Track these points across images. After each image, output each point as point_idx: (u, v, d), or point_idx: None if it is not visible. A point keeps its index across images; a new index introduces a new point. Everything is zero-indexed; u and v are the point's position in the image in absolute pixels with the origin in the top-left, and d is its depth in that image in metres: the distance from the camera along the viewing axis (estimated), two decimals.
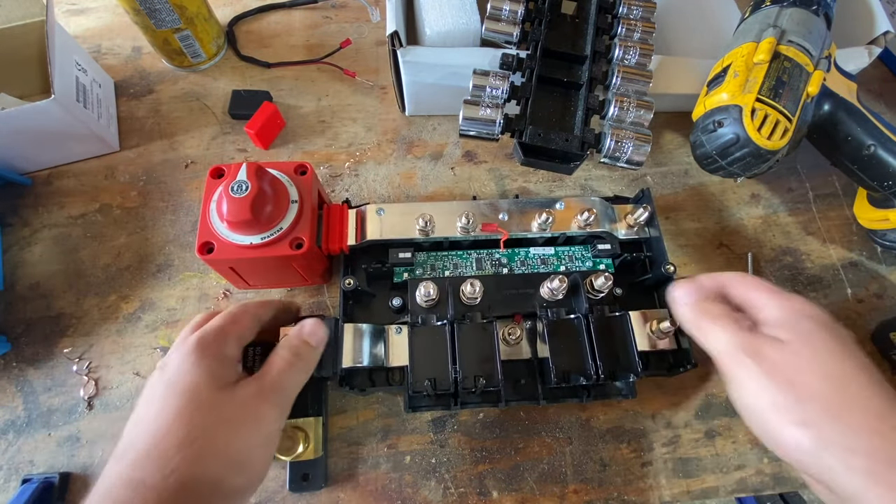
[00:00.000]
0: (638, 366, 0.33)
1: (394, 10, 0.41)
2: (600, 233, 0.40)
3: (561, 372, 0.33)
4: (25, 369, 0.38)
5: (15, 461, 0.35)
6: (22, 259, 0.42)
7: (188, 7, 0.45)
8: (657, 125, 0.50)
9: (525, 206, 0.40)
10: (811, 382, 0.25)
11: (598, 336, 0.34)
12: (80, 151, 0.45)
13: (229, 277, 0.37)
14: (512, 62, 0.40)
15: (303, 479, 0.35)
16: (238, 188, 0.32)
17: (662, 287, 0.38)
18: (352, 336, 0.34)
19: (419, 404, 0.35)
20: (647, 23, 0.42)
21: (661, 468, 0.37)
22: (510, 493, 0.36)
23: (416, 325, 0.35)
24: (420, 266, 0.40)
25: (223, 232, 0.33)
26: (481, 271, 0.40)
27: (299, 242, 0.34)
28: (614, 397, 0.37)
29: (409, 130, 0.50)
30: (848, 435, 0.24)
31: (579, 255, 0.41)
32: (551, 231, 0.39)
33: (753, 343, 0.27)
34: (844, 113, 0.40)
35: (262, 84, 0.51)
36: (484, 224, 0.39)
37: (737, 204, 0.48)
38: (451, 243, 0.40)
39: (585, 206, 0.40)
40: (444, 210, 0.39)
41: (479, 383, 0.32)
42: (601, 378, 0.33)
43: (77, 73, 0.42)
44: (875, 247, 0.46)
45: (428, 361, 0.33)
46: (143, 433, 0.25)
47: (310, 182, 0.36)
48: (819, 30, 0.39)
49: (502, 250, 0.41)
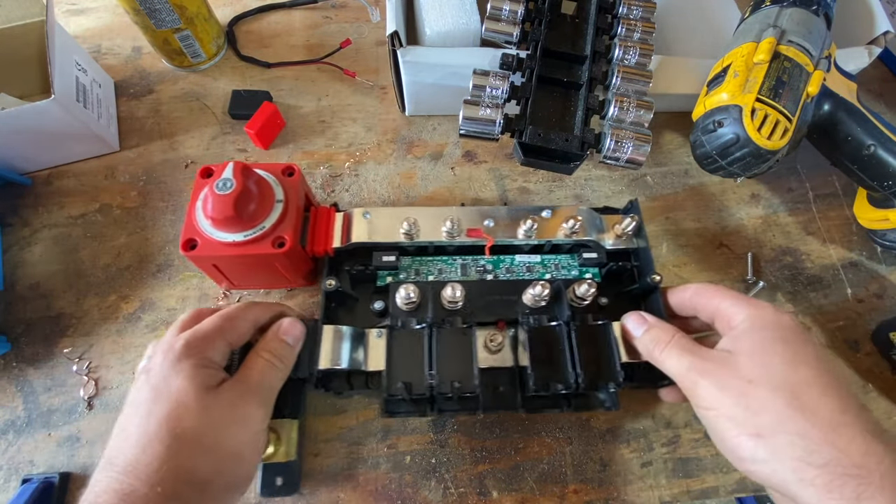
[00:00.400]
0: (619, 375, 0.32)
1: (394, 10, 0.41)
2: (587, 241, 0.39)
3: (541, 379, 0.32)
4: (25, 369, 0.38)
5: (15, 461, 0.35)
6: (22, 259, 0.42)
7: (188, 7, 0.45)
8: (657, 125, 0.50)
9: (511, 213, 0.39)
10: (763, 394, 0.25)
11: (580, 344, 0.33)
12: (80, 151, 0.45)
13: (213, 276, 0.38)
14: (512, 62, 0.40)
15: (275, 483, 0.33)
16: (223, 185, 0.32)
17: (649, 297, 0.38)
18: (331, 338, 0.34)
19: (395, 409, 0.34)
20: (647, 23, 0.42)
21: (661, 468, 0.37)
22: (510, 493, 0.36)
23: (395, 328, 0.34)
24: (404, 270, 0.40)
25: (207, 229, 0.34)
26: (466, 277, 0.40)
27: (281, 241, 0.34)
28: (596, 409, 0.35)
29: (409, 130, 0.50)
30: (800, 446, 0.23)
31: (566, 263, 0.41)
32: (537, 238, 0.38)
33: (703, 362, 0.27)
34: (844, 113, 0.40)
35: (262, 84, 0.51)
36: (469, 230, 0.38)
37: (737, 204, 0.48)
38: (436, 248, 0.40)
39: (571, 213, 0.39)
40: (430, 215, 0.38)
41: (455, 388, 0.32)
42: (581, 387, 0.32)
43: (77, 73, 0.42)
44: (875, 247, 0.46)
45: (405, 365, 0.33)
46: (130, 441, 0.25)
47: (297, 183, 0.37)
48: (819, 30, 0.39)
49: (488, 256, 0.40)
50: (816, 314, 0.43)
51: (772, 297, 0.44)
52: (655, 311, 0.36)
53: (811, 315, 0.43)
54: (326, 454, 0.36)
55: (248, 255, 0.34)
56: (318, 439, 0.37)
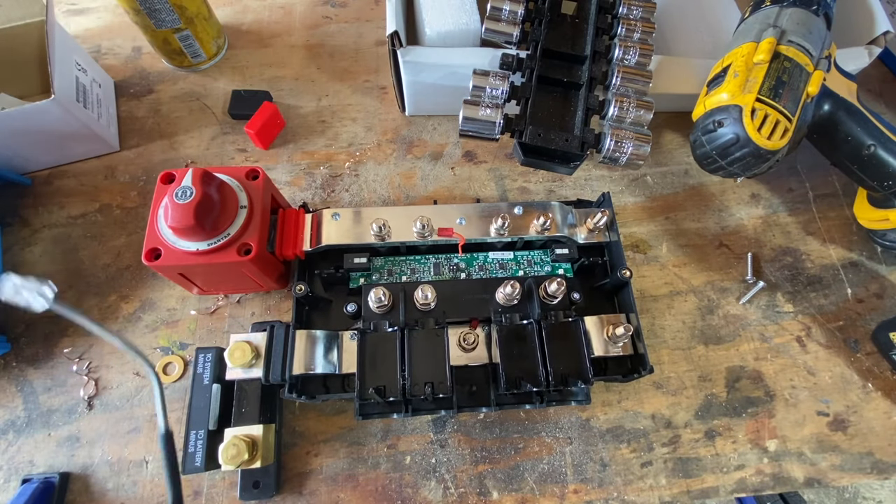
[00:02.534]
0: (588, 372, 0.33)
1: (394, 10, 0.41)
2: (559, 237, 0.39)
3: (512, 378, 0.33)
4: (25, 369, 0.38)
5: (15, 461, 0.35)
6: (22, 259, 0.42)
7: (188, 7, 0.45)
8: (657, 125, 0.50)
9: (483, 211, 0.39)
10: None
11: (551, 342, 0.34)
12: (80, 151, 0.45)
13: (182, 284, 0.37)
14: (512, 62, 0.40)
15: (253, 487, 0.34)
16: (182, 194, 0.31)
17: (621, 292, 0.38)
18: (304, 343, 0.34)
19: (370, 412, 0.34)
20: (646, 23, 0.42)
21: (661, 468, 0.37)
22: (510, 493, 0.36)
23: (368, 331, 0.34)
24: (377, 271, 0.39)
25: (170, 238, 0.33)
26: (439, 276, 0.39)
27: (247, 248, 0.33)
28: (569, 402, 0.36)
29: (409, 130, 0.50)
30: None
31: (538, 259, 0.41)
32: (509, 235, 0.38)
33: None
34: (844, 113, 0.40)
35: (262, 84, 0.51)
36: (441, 229, 0.38)
37: (737, 204, 0.48)
38: (408, 248, 0.39)
39: (542, 211, 0.39)
40: (401, 214, 0.38)
41: (427, 391, 0.32)
42: (551, 385, 0.33)
43: (77, 73, 0.42)
44: (875, 247, 0.46)
45: (377, 368, 0.33)
46: None
47: (261, 187, 0.36)
48: (819, 30, 0.39)
49: (461, 255, 0.40)
50: (816, 314, 0.43)
51: (772, 296, 0.44)
52: (628, 305, 0.37)
53: (811, 315, 0.43)
54: (326, 454, 0.36)
55: (213, 264, 0.33)
56: (317, 439, 0.37)
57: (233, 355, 0.33)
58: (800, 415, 0.40)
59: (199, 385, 0.35)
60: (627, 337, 0.35)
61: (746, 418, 0.39)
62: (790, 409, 0.40)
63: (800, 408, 0.40)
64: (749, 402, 0.40)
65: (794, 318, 0.43)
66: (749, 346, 0.42)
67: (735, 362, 0.41)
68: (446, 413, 0.36)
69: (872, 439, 0.39)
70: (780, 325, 0.43)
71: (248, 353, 0.33)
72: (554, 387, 0.33)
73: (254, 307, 0.41)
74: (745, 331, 0.42)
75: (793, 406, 0.40)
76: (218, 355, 0.36)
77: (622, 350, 0.35)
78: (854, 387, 0.41)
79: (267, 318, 0.41)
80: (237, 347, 0.33)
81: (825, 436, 0.39)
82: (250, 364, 0.33)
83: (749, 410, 0.40)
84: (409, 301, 0.35)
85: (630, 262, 0.43)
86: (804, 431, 0.39)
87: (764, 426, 0.39)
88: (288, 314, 0.41)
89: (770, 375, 0.41)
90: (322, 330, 0.35)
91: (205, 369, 0.35)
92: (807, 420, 0.40)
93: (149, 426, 0.37)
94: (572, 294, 0.37)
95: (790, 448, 0.39)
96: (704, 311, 0.43)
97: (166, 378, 0.38)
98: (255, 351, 0.33)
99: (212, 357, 0.36)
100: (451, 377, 0.33)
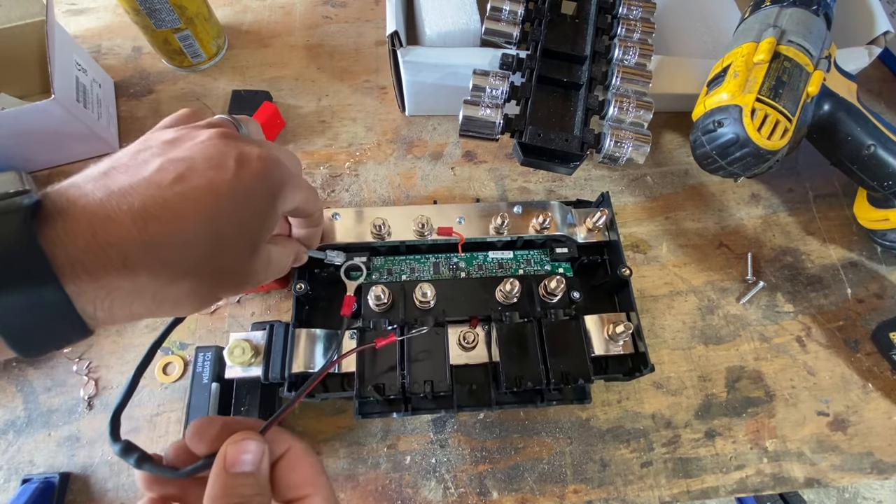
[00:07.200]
0: (589, 371, 0.33)
1: (394, 10, 0.41)
2: (559, 236, 0.39)
3: (513, 377, 0.33)
4: (25, 369, 0.38)
5: (15, 461, 0.35)
6: None
7: (188, 7, 0.45)
8: (657, 125, 0.50)
9: (483, 211, 0.39)
10: None
11: (551, 340, 0.34)
12: (80, 151, 0.45)
13: None
14: (512, 62, 0.40)
15: None
16: None
17: (621, 291, 0.38)
18: (304, 342, 0.34)
19: (370, 411, 0.34)
20: (646, 23, 0.42)
21: (661, 468, 0.37)
22: (510, 493, 0.36)
23: (367, 329, 0.34)
24: (377, 270, 0.39)
25: None
26: (439, 275, 0.39)
27: None
28: (569, 402, 0.35)
29: (409, 130, 0.50)
30: None
31: (538, 258, 0.41)
32: (509, 235, 0.38)
33: None
34: (844, 113, 0.40)
35: (262, 84, 0.51)
36: (440, 228, 0.38)
37: (737, 204, 0.48)
38: (408, 247, 0.39)
39: (541, 210, 0.39)
40: (401, 214, 0.38)
41: (426, 389, 0.32)
42: (552, 383, 0.33)
43: (77, 73, 0.42)
44: (875, 247, 0.46)
45: (377, 367, 0.33)
46: None
47: None
48: (819, 30, 0.39)
49: (460, 254, 0.40)
50: (816, 314, 0.43)
51: (772, 296, 0.44)
52: (628, 304, 0.37)
53: (811, 315, 0.43)
54: (326, 454, 0.36)
55: None
56: (317, 439, 0.37)
57: (232, 353, 0.33)
58: (800, 415, 0.40)
59: (199, 384, 0.35)
60: (628, 335, 0.35)
61: (746, 418, 0.39)
62: (790, 409, 0.40)
63: (800, 408, 0.40)
64: (749, 402, 0.40)
65: (794, 318, 0.43)
66: (749, 346, 0.42)
67: (735, 362, 0.41)
68: (446, 413, 0.36)
69: (872, 439, 0.39)
70: (780, 325, 0.43)
71: (247, 351, 0.33)
72: (555, 385, 0.33)
73: (254, 307, 0.41)
74: (745, 331, 0.42)
75: (793, 406, 0.40)
76: (217, 354, 0.36)
77: (623, 349, 0.35)
78: (854, 387, 0.41)
79: (267, 318, 0.41)
80: (236, 345, 0.33)
81: (825, 436, 0.39)
82: (249, 363, 0.33)
83: (749, 410, 0.40)
84: (409, 299, 0.35)
85: (630, 262, 0.43)
86: (804, 431, 0.39)
87: (764, 426, 0.39)
88: (288, 315, 0.40)
89: (770, 375, 0.41)
90: (322, 329, 0.35)
91: (204, 368, 0.35)
92: (807, 420, 0.40)
93: (149, 426, 0.37)
94: (572, 293, 0.37)
95: (790, 448, 0.39)
96: (704, 311, 0.43)
97: (166, 378, 0.38)
98: (255, 349, 0.33)
99: (211, 356, 0.36)
100: (450, 376, 0.33)
